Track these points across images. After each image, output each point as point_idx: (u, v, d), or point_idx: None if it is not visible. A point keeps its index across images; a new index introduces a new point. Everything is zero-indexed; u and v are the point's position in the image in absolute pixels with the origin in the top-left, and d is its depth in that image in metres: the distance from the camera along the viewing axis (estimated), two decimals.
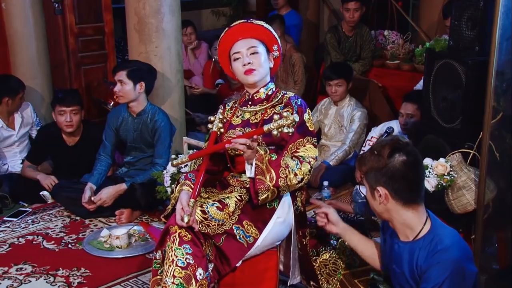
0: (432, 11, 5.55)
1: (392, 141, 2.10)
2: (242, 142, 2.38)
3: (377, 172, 2.09)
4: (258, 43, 2.68)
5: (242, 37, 2.69)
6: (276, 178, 2.47)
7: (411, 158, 2.07)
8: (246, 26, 2.69)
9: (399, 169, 2.06)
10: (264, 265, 2.69)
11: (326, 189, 4.13)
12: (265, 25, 2.70)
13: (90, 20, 5.21)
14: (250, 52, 2.65)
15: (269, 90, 2.74)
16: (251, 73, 2.65)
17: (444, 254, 2.02)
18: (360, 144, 4.59)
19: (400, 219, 2.13)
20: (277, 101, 2.71)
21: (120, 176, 4.12)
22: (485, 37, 2.90)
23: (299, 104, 2.67)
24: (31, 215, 4.04)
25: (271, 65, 2.74)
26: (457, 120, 3.13)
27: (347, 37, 5.47)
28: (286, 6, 6.17)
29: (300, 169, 2.53)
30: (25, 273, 3.29)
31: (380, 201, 2.12)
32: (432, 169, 3.04)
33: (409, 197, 2.09)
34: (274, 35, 2.71)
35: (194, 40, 6.10)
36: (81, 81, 5.24)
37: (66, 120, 4.13)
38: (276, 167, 2.48)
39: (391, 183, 2.07)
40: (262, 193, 2.46)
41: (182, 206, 2.42)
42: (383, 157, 2.07)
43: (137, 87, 3.94)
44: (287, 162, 2.52)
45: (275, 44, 2.72)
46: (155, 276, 2.49)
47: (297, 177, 2.52)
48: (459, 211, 3.01)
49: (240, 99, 2.82)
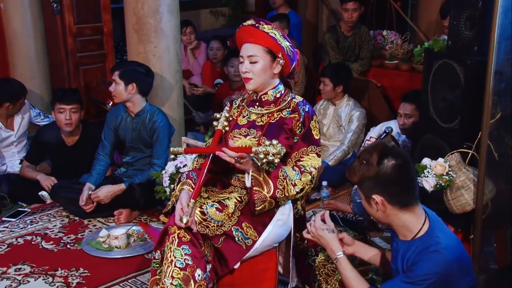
0: (430, 11, 5.55)
1: (378, 147, 2.09)
2: (231, 155, 2.38)
3: (369, 181, 2.09)
4: (262, 51, 2.61)
5: (248, 41, 2.64)
6: (274, 189, 2.46)
7: (400, 161, 2.07)
8: (252, 30, 2.62)
9: (391, 174, 2.05)
10: (263, 265, 2.68)
11: (325, 189, 4.13)
12: (271, 32, 2.60)
13: (89, 20, 5.21)
14: (250, 60, 2.62)
15: (277, 92, 2.70)
16: (248, 82, 2.65)
17: (436, 254, 2.01)
18: (358, 144, 4.59)
19: (399, 222, 2.13)
20: (284, 105, 2.68)
21: (119, 176, 4.12)
22: (484, 37, 2.90)
23: (306, 111, 2.64)
24: (29, 215, 4.04)
25: (276, 71, 2.67)
26: (455, 120, 3.13)
27: (345, 37, 5.47)
28: (284, 5, 6.15)
29: (300, 179, 2.52)
30: (24, 274, 3.28)
31: (377, 208, 2.11)
32: (430, 169, 3.03)
33: (405, 200, 2.09)
34: (279, 43, 2.61)
35: (193, 40, 6.10)
36: (79, 81, 5.24)
37: (66, 118, 4.12)
38: (274, 178, 2.47)
39: (386, 189, 2.07)
40: (258, 204, 2.47)
41: (181, 206, 2.42)
42: (372, 165, 2.06)
43: (129, 88, 3.92)
44: (286, 173, 2.51)
45: (280, 52, 2.63)
46: (154, 276, 2.49)
47: (296, 188, 2.52)
48: (458, 211, 3.01)
49: (248, 98, 2.79)
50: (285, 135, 2.61)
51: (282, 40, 2.63)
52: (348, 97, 4.71)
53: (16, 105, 4.39)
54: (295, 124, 2.62)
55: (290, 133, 2.62)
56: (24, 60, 5.08)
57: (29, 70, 5.09)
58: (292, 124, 2.62)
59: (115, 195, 3.90)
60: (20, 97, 4.41)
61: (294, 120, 2.62)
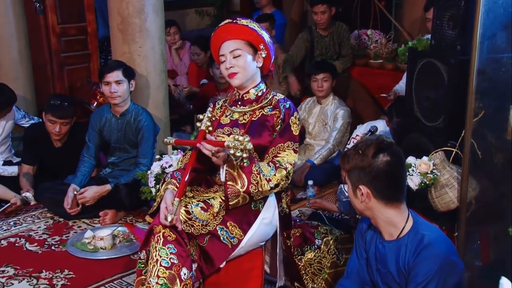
0: (414, 11, 5.58)
1: (377, 141, 2.11)
2: (208, 148, 2.39)
3: (360, 171, 2.11)
4: (243, 44, 2.64)
5: (228, 39, 2.65)
6: (247, 184, 2.47)
7: (395, 159, 2.09)
8: (231, 27, 2.65)
9: (383, 169, 2.07)
10: (249, 264, 2.69)
11: (311, 188, 4.15)
12: (250, 25, 2.65)
13: (73, 20, 5.17)
14: (233, 55, 2.63)
15: (259, 91, 2.72)
16: (233, 77, 2.65)
17: (430, 249, 2.04)
18: (344, 142, 4.61)
19: (382, 217, 2.15)
20: (266, 102, 2.70)
21: (104, 177, 4.09)
22: (467, 36, 2.93)
23: (287, 108, 2.67)
24: (13, 216, 3.99)
25: (259, 65, 2.70)
26: (439, 118, 3.15)
27: (321, 37, 5.48)
28: (269, 5, 6.16)
29: (274, 175, 2.53)
30: (8, 276, 3.25)
31: (362, 200, 2.13)
32: (415, 167, 3.06)
33: (391, 197, 2.11)
34: (259, 34, 2.65)
35: (178, 40, 6.09)
36: (64, 82, 5.20)
37: (55, 130, 4.10)
38: (248, 173, 2.48)
39: (374, 183, 2.09)
40: (231, 199, 2.47)
41: (166, 205, 2.41)
42: (367, 157, 2.08)
43: (131, 85, 3.95)
44: (260, 168, 2.51)
45: (261, 43, 2.67)
46: (140, 276, 2.48)
47: (270, 183, 2.52)
48: (442, 209, 3.04)
49: (230, 99, 2.81)
50: (268, 132, 2.63)
51: (261, 31, 2.67)
52: (334, 96, 4.73)
53: (2, 112, 4.34)
54: (276, 121, 2.64)
55: (272, 130, 2.64)
56: (7, 61, 5.03)
57: (13, 70, 5.04)
58: (273, 121, 2.64)
59: (100, 196, 3.88)
60: (8, 106, 4.36)
61: (275, 117, 2.64)
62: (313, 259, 2.86)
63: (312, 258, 2.86)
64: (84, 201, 3.87)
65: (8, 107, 4.35)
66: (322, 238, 2.93)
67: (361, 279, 2.33)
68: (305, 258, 2.85)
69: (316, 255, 2.87)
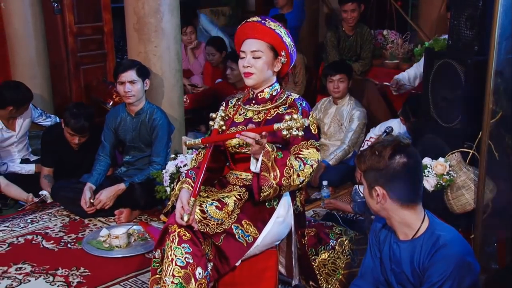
0: (431, 11, 5.54)
1: (394, 142, 2.10)
2: (251, 136, 2.36)
3: (376, 172, 2.10)
4: (265, 47, 2.63)
5: (252, 37, 2.65)
6: (280, 176, 2.44)
7: (411, 161, 2.08)
8: (258, 26, 2.64)
9: (399, 171, 2.06)
10: (264, 264, 2.69)
11: (326, 189, 4.14)
12: (277, 29, 2.63)
13: (89, 20, 5.21)
14: (253, 55, 2.63)
15: (274, 90, 2.72)
16: (249, 77, 2.65)
17: (445, 249, 2.03)
18: (359, 143, 4.59)
19: (397, 218, 2.14)
20: (281, 102, 2.70)
21: (119, 176, 4.12)
22: (484, 37, 2.90)
23: (303, 106, 2.66)
24: (30, 214, 4.04)
25: (276, 69, 2.69)
26: (456, 119, 3.13)
27: (347, 37, 5.47)
28: (287, 6, 6.16)
29: (302, 170, 2.52)
30: (25, 273, 3.28)
31: (377, 201, 2.12)
32: (431, 168, 3.04)
33: (407, 198, 2.10)
34: (283, 41, 2.64)
35: (194, 40, 6.10)
36: (80, 81, 5.24)
37: (74, 142, 4.18)
38: (282, 166, 2.46)
39: (390, 184, 2.08)
40: (264, 190, 2.44)
41: (182, 204, 2.42)
42: (384, 158, 2.07)
43: (145, 84, 3.98)
44: (292, 162, 2.50)
45: (283, 50, 2.65)
46: (154, 275, 2.49)
47: (300, 178, 2.51)
48: (458, 211, 3.01)
49: (244, 97, 2.81)
50: None
51: (286, 38, 2.66)
52: (350, 96, 4.71)
53: (20, 109, 4.39)
54: None
55: None
56: (25, 60, 5.07)
57: (30, 69, 5.09)
58: None
59: (116, 195, 3.90)
60: (25, 104, 4.40)
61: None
62: (328, 259, 2.86)
63: (326, 258, 2.85)
64: (102, 205, 3.88)
65: (24, 104, 4.40)
66: (336, 239, 2.92)
67: (375, 279, 2.32)
68: (319, 259, 2.84)
69: (331, 256, 2.87)
